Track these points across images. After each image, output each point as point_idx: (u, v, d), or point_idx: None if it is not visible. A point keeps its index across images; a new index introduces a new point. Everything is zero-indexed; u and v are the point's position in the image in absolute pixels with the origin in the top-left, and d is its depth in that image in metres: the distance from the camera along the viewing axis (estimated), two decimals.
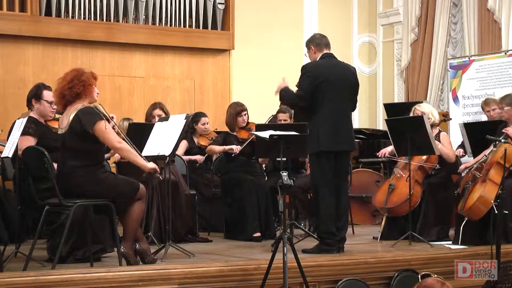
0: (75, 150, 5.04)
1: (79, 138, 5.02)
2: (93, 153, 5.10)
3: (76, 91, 5.08)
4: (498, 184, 6.12)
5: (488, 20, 9.75)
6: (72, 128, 5.03)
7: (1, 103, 8.75)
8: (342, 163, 5.93)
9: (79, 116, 5.03)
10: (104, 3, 9.33)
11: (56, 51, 9.15)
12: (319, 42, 6.00)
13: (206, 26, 9.98)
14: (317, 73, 5.83)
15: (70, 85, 5.08)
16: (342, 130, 5.86)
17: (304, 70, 5.91)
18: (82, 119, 5.01)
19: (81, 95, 5.10)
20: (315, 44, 6.00)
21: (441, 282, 3.43)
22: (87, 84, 5.11)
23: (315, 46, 6.00)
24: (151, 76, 9.75)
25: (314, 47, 6.00)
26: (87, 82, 5.12)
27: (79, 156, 5.03)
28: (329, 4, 11.36)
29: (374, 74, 11.65)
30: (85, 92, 5.11)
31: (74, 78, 5.11)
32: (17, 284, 4.45)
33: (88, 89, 5.12)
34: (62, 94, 5.12)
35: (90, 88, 5.13)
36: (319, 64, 5.94)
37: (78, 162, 5.02)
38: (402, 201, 6.62)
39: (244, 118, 7.36)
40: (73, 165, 5.02)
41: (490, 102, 7.57)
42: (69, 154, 5.07)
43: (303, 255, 5.53)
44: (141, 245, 5.29)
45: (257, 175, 7.34)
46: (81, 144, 5.03)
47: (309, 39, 6.10)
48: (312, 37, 6.13)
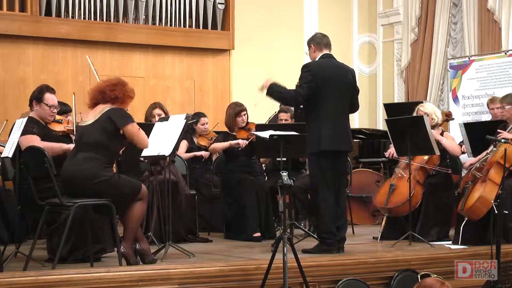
0: (92, 144, 5.07)
1: (104, 134, 5.08)
2: (110, 152, 5.15)
3: (116, 94, 5.21)
4: (498, 184, 6.12)
5: (488, 20, 9.75)
6: (99, 123, 5.09)
7: (1, 103, 8.76)
8: (341, 163, 5.94)
9: (110, 113, 5.11)
10: (104, 3, 9.34)
11: (56, 51, 9.16)
12: (320, 41, 6.01)
13: (206, 26, 9.99)
14: (317, 72, 5.84)
15: (113, 87, 5.22)
16: (342, 131, 5.87)
17: (305, 68, 5.92)
18: (113, 117, 5.10)
19: (117, 101, 5.22)
20: (316, 43, 6.02)
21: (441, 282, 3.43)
22: (127, 95, 5.28)
23: (315, 45, 6.01)
24: (151, 76, 9.76)
25: (314, 46, 6.01)
26: (128, 93, 5.29)
27: (95, 149, 5.06)
28: (329, 4, 11.36)
29: (374, 74, 11.65)
30: (122, 100, 5.25)
31: (119, 83, 5.29)
32: (17, 284, 4.45)
33: (126, 99, 5.29)
34: (102, 91, 5.23)
35: (127, 99, 5.31)
36: (320, 64, 5.95)
37: (91, 153, 5.05)
38: (403, 202, 6.61)
39: (243, 118, 7.36)
40: (85, 156, 5.05)
41: (496, 100, 7.56)
42: (85, 146, 5.10)
43: (303, 255, 5.53)
44: (141, 245, 5.29)
45: (257, 175, 7.33)
46: (102, 139, 5.07)
47: (311, 38, 6.12)
48: (314, 36, 6.14)
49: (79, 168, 5.02)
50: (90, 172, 5.01)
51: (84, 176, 5.00)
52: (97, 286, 4.63)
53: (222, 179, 7.40)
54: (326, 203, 5.83)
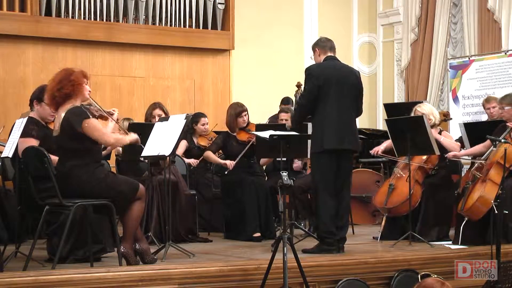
0: (70, 151, 5.02)
1: (71, 139, 4.99)
2: (89, 152, 5.06)
3: (66, 92, 5.01)
4: (498, 184, 6.11)
5: (488, 20, 9.76)
6: (64, 129, 5.00)
7: (1, 103, 8.76)
8: (344, 163, 5.93)
9: (68, 117, 4.98)
10: (104, 3, 9.34)
11: (56, 51, 9.16)
12: (324, 45, 6.08)
13: (206, 26, 9.99)
14: (319, 73, 5.87)
15: (59, 86, 5.02)
16: (345, 130, 5.87)
17: (306, 71, 5.97)
18: (70, 120, 4.97)
19: (72, 95, 5.03)
20: (320, 46, 6.08)
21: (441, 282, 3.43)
22: (76, 84, 5.03)
23: (320, 49, 6.07)
24: (151, 76, 9.76)
25: (319, 50, 6.07)
26: (77, 81, 5.03)
27: (76, 156, 5.01)
28: (329, 4, 11.37)
29: (374, 74, 11.66)
30: (75, 92, 5.03)
31: (63, 78, 5.04)
32: (17, 284, 4.44)
33: (78, 88, 5.04)
34: (52, 96, 5.06)
35: (80, 87, 5.05)
36: (322, 65, 5.99)
37: (76, 161, 5.00)
38: (402, 201, 6.62)
39: (244, 119, 7.36)
40: (72, 165, 5.01)
41: (491, 100, 7.57)
42: (66, 155, 5.06)
43: (303, 255, 5.53)
44: (141, 245, 5.29)
45: (257, 175, 7.33)
46: (74, 144, 5.00)
47: (315, 42, 6.19)
48: (318, 40, 6.21)
49: (71, 178, 4.98)
50: (82, 179, 4.97)
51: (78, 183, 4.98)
52: (97, 286, 4.63)
53: (222, 179, 7.40)
54: (325, 203, 5.83)
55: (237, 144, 7.27)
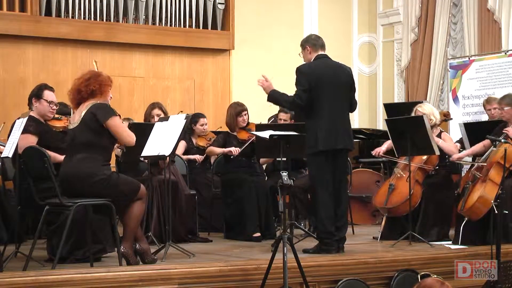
0: (84, 144, 5.07)
1: (91, 131, 5.07)
2: (103, 149, 5.13)
3: (92, 88, 5.16)
4: (498, 184, 6.12)
5: (488, 20, 9.75)
6: (85, 122, 5.08)
7: (1, 103, 8.76)
8: (340, 162, 5.92)
9: (92, 110, 5.09)
10: (104, 3, 9.33)
11: (56, 51, 9.16)
12: (315, 43, 6.00)
13: (206, 26, 9.99)
14: (310, 73, 5.83)
15: (87, 82, 5.17)
16: (339, 129, 5.85)
17: (297, 71, 5.90)
18: (96, 113, 5.07)
19: (96, 93, 5.17)
20: (311, 44, 6.00)
21: (441, 282, 3.43)
22: (103, 84, 5.21)
23: (310, 47, 6.00)
24: (151, 76, 9.76)
25: (310, 47, 5.99)
26: (104, 82, 5.22)
27: (88, 149, 5.06)
28: (329, 4, 11.36)
29: (374, 74, 11.65)
30: (100, 91, 5.19)
31: (91, 76, 5.22)
32: (17, 284, 4.45)
33: (104, 88, 5.22)
34: (78, 90, 5.19)
35: (106, 88, 5.23)
36: (313, 65, 5.93)
37: (87, 154, 5.05)
38: (402, 201, 6.62)
39: (244, 118, 7.36)
40: (82, 157, 5.04)
41: (492, 101, 7.57)
42: (77, 147, 5.09)
43: (303, 255, 5.53)
44: (141, 245, 5.29)
45: (257, 175, 7.34)
46: (91, 137, 5.06)
47: (305, 39, 6.10)
48: (308, 37, 6.13)
49: (77, 169, 5.01)
50: (88, 171, 5.00)
51: (83, 175, 4.99)
52: (97, 286, 4.64)
53: (222, 179, 7.40)
54: (324, 203, 5.82)
55: (237, 143, 7.29)
